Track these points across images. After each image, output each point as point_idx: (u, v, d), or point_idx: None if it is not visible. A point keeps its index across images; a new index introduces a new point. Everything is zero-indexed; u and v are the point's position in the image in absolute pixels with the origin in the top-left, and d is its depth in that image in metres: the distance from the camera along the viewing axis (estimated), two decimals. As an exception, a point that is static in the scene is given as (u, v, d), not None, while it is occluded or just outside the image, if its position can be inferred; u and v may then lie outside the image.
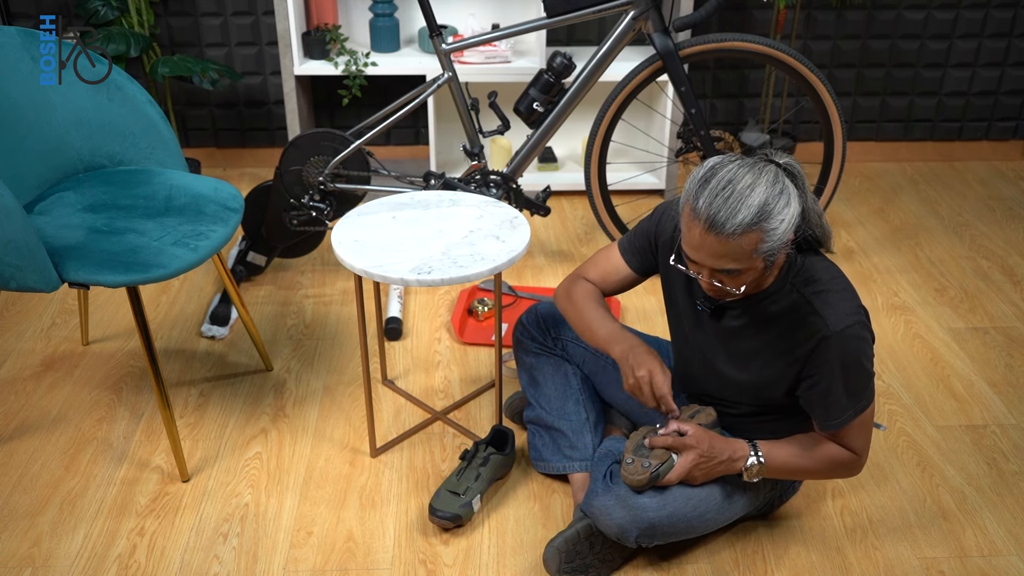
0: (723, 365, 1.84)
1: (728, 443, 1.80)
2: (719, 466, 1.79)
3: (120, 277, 1.93)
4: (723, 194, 1.55)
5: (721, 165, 1.60)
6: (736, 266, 1.60)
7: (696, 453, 1.77)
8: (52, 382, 2.50)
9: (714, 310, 1.82)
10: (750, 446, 1.80)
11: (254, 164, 3.78)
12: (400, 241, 2.05)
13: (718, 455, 1.78)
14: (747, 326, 1.78)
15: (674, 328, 1.95)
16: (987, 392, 2.47)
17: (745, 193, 1.54)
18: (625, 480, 1.79)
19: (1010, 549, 1.98)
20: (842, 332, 1.66)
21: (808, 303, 1.69)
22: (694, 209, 1.58)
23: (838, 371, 1.69)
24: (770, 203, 1.55)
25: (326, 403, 2.42)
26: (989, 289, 2.94)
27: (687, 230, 1.62)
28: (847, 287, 1.71)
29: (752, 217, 1.54)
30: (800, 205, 1.61)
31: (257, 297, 2.89)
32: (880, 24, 3.59)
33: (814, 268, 1.73)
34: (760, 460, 1.78)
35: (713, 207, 1.55)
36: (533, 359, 2.15)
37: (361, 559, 1.96)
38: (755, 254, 1.58)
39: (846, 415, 1.73)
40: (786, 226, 1.57)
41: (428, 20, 2.69)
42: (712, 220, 1.55)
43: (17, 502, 2.10)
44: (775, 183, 1.56)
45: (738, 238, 1.55)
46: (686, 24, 2.64)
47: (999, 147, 3.85)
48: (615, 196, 3.54)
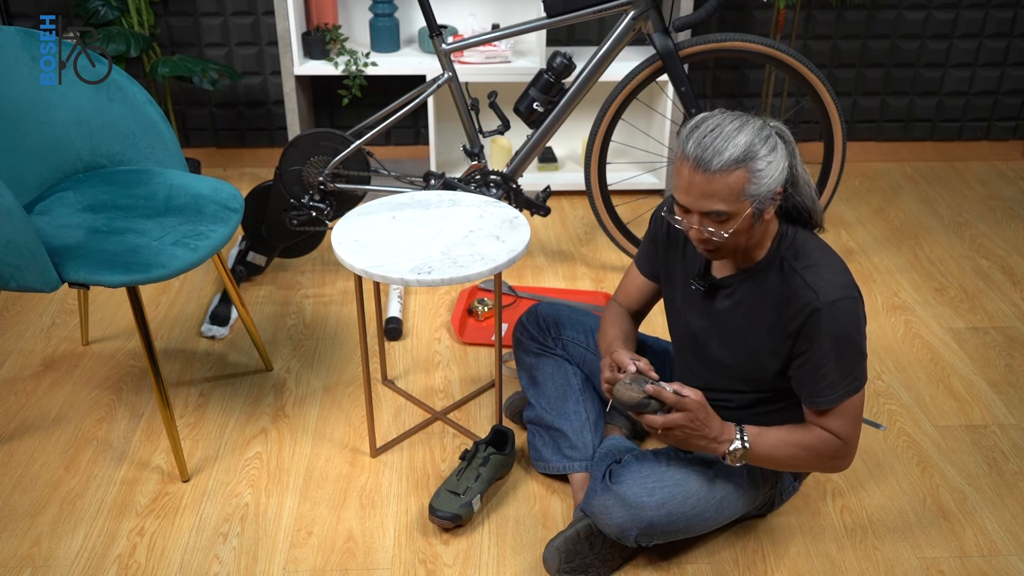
0: (718, 348, 1.84)
1: (719, 423, 1.76)
2: (701, 440, 1.74)
3: (120, 277, 1.93)
4: (711, 135, 1.61)
5: (710, 115, 1.66)
6: (724, 207, 1.62)
7: (688, 416, 1.71)
8: (52, 382, 2.50)
9: (707, 289, 1.82)
10: (737, 429, 1.76)
11: (254, 164, 3.79)
12: (400, 241, 2.05)
13: (706, 430, 1.73)
14: (739, 304, 1.78)
15: (672, 318, 1.96)
16: (987, 392, 2.47)
17: (732, 134, 1.60)
18: (614, 393, 1.74)
19: (1010, 549, 1.98)
20: (833, 304, 1.66)
21: (799, 276, 1.70)
22: (683, 153, 1.63)
23: (829, 345, 1.68)
24: (756, 145, 1.60)
25: (326, 403, 2.42)
26: (989, 289, 2.94)
27: (677, 175, 1.66)
28: (840, 264, 1.72)
29: (739, 154, 1.59)
30: (788, 160, 1.66)
31: (257, 297, 2.89)
32: (880, 24, 3.59)
33: (806, 244, 1.74)
34: (745, 445, 1.74)
35: (701, 146, 1.60)
36: (533, 359, 2.15)
37: (361, 559, 1.96)
38: (742, 196, 1.61)
39: (835, 393, 1.71)
40: (773, 172, 1.61)
41: (428, 20, 2.69)
42: (699, 158, 1.60)
43: (17, 502, 2.10)
44: (762, 130, 1.62)
45: (724, 175, 1.59)
46: (686, 24, 2.64)
47: (999, 147, 3.85)
48: (615, 196, 3.54)
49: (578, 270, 3.06)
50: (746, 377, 1.83)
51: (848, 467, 1.85)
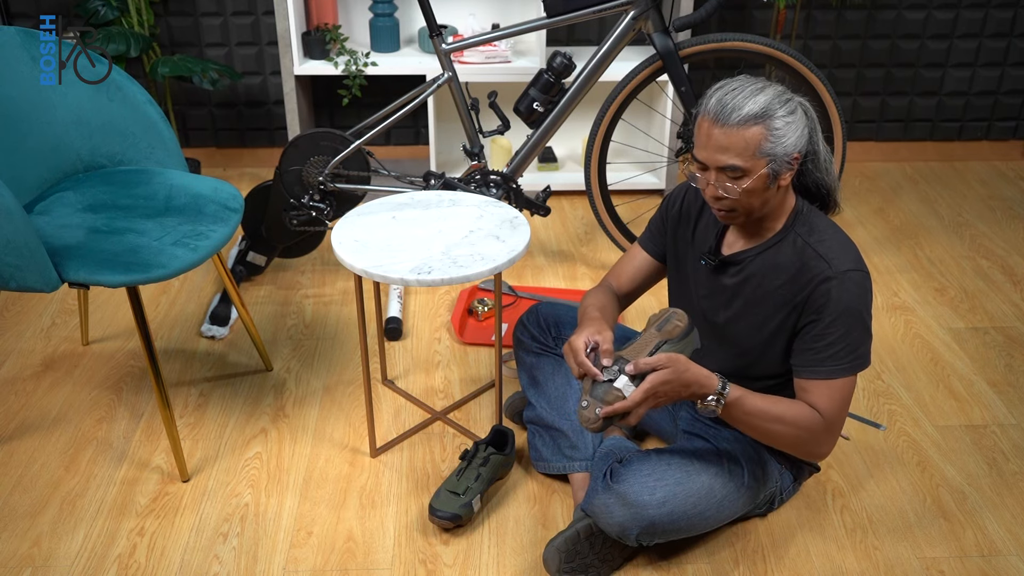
0: (725, 326, 1.86)
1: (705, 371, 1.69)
2: (687, 387, 1.67)
3: (120, 277, 1.93)
4: (732, 93, 1.66)
5: (734, 78, 1.71)
6: (739, 162, 1.65)
7: (665, 372, 1.65)
8: (52, 382, 2.50)
9: (718, 265, 1.84)
10: (719, 379, 1.70)
11: (254, 164, 3.79)
12: (400, 241, 2.05)
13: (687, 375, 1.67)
14: (749, 279, 1.80)
15: (678, 299, 1.98)
16: (987, 392, 2.47)
17: (753, 93, 1.66)
18: (581, 421, 1.69)
19: (1010, 549, 1.98)
20: (844, 274, 1.70)
21: (811, 248, 1.74)
22: (705, 111, 1.68)
23: (837, 314, 1.70)
24: (775, 105, 1.65)
25: (326, 403, 2.42)
26: (989, 289, 2.94)
27: (697, 132, 1.70)
28: (851, 242, 1.76)
29: (758, 110, 1.63)
30: (808, 127, 1.70)
31: (257, 297, 2.89)
32: (880, 24, 3.59)
33: (820, 222, 1.78)
34: (720, 400, 1.68)
35: (722, 102, 1.66)
36: (533, 359, 2.15)
37: (361, 559, 1.96)
38: (759, 153, 1.64)
39: (832, 366, 1.71)
40: (792, 133, 1.65)
41: (428, 20, 2.69)
42: (719, 112, 1.65)
43: (17, 502, 2.10)
44: (783, 94, 1.67)
45: (742, 129, 1.63)
46: (686, 24, 2.64)
47: (999, 147, 3.85)
48: (615, 196, 3.54)
49: (578, 270, 3.06)
50: (753, 354, 1.84)
51: (826, 456, 1.80)
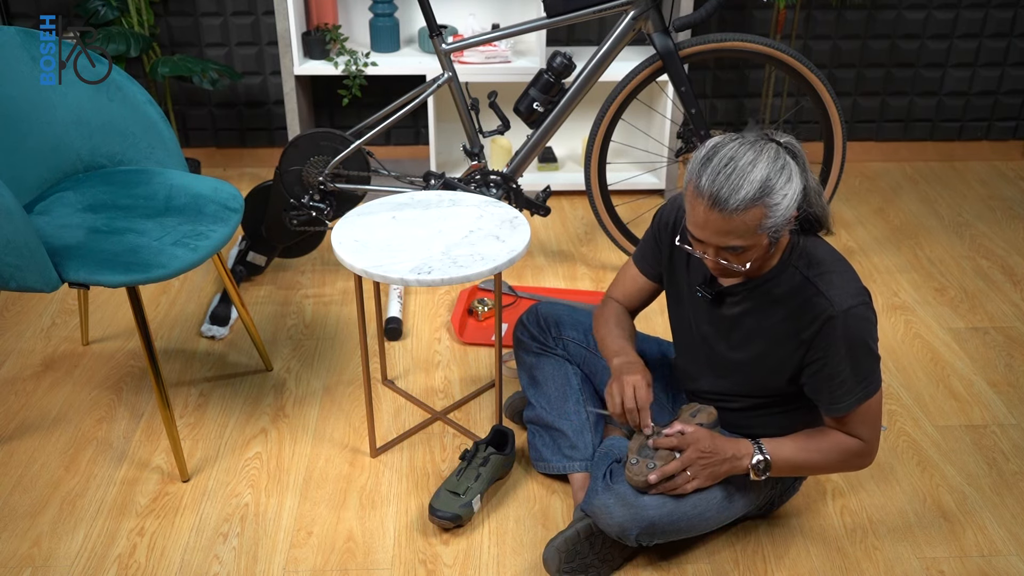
0: (725, 354, 1.85)
1: (731, 442, 1.80)
2: (724, 464, 1.79)
3: (120, 277, 1.93)
4: (725, 171, 1.57)
5: (722, 144, 1.62)
6: (741, 243, 1.61)
7: (696, 449, 1.77)
8: (52, 382, 2.50)
9: (714, 297, 1.82)
10: (754, 444, 1.80)
11: (254, 164, 3.78)
12: (400, 241, 2.05)
13: (720, 452, 1.78)
14: (749, 312, 1.79)
15: (676, 320, 1.96)
16: (987, 392, 2.47)
17: (747, 169, 1.57)
18: (629, 480, 1.79)
19: (1010, 549, 1.98)
20: (847, 311, 1.67)
21: (812, 284, 1.70)
22: (697, 187, 1.60)
23: (844, 352, 1.69)
24: (772, 178, 1.57)
25: (326, 403, 2.42)
26: (989, 289, 2.94)
27: (691, 209, 1.63)
28: (849, 269, 1.73)
29: (755, 192, 1.56)
30: (802, 182, 1.64)
31: (257, 297, 2.89)
32: (880, 24, 3.59)
33: (816, 250, 1.74)
34: (766, 456, 1.78)
35: (716, 184, 1.57)
36: (533, 359, 2.15)
37: (361, 559, 1.96)
38: (759, 230, 1.60)
39: (852, 398, 1.72)
40: (789, 201, 1.60)
41: (428, 20, 2.69)
42: (715, 197, 1.57)
43: (17, 502, 2.10)
44: (776, 159, 1.59)
45: (742, 214, 1.57)
46: (686, 24, 2.64)
47: (999, 147, 3.85)
48: (615, 196, 3.54)
49: (578, 270, 3.06)
50: (755, 382, 1.84)
51: (872, 463, 1.85)
